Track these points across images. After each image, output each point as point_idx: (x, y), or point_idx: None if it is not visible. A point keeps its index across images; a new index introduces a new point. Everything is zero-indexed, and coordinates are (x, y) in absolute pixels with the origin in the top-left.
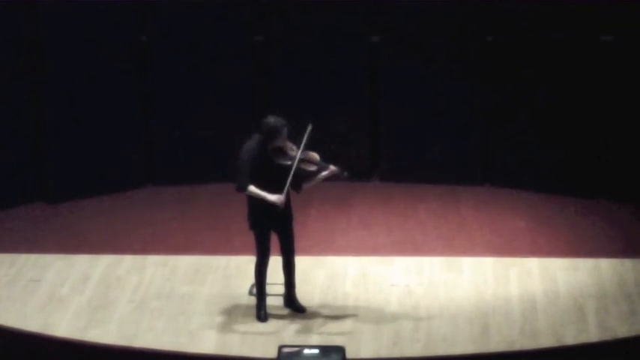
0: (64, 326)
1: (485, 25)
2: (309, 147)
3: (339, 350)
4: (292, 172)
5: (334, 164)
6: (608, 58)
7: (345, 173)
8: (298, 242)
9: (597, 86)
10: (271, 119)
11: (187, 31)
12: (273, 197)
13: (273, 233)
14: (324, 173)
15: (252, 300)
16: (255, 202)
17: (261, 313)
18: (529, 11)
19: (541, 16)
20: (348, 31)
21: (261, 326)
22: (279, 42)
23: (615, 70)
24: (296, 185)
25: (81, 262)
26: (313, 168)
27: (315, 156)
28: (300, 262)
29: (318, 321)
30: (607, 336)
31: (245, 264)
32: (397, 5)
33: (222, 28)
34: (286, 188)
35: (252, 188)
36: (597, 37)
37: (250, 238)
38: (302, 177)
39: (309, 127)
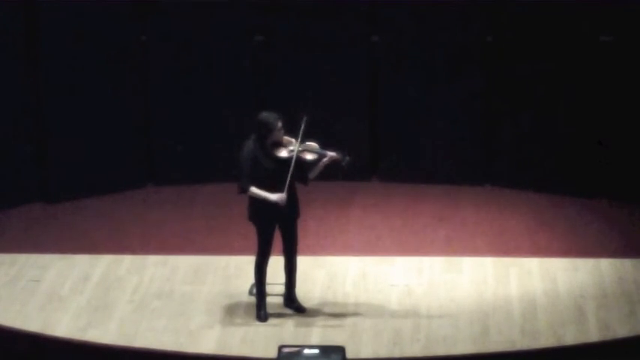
0: (64, 326)
1: (485, 25)
2: (307, 138)
3: (339, 350)
4: (293, 164)
5: (334, 151)
6: (608, 58)
7: (347, 158)
8: (298, 242)
9: (597, 86)
10: (264, 114)
11: (187, 31)
12: (274, 197)
13: (276, 231)
14: (325, 160)
15: (252, 300)
16: (257, 199)
17: (261, 313)
18: (529, 11)
19: (541, 16)
20: (348, 31)
21: (261, 326)
22: (279, 42)
23: (615, 70)
24: (301, 177)
25: (81, 262)
26: (313, 157)
27: (314, 145)
28: (300, 262)
29: (318, 321)
30: (607, 336)
31: (245, 264)
32: (397, 5)
33: (222, 28)
34: (287, 186)
35: (254, 189)
36: (597, 37)
37: (250, 238)
38: (305, 167)
39: (305, 119)
